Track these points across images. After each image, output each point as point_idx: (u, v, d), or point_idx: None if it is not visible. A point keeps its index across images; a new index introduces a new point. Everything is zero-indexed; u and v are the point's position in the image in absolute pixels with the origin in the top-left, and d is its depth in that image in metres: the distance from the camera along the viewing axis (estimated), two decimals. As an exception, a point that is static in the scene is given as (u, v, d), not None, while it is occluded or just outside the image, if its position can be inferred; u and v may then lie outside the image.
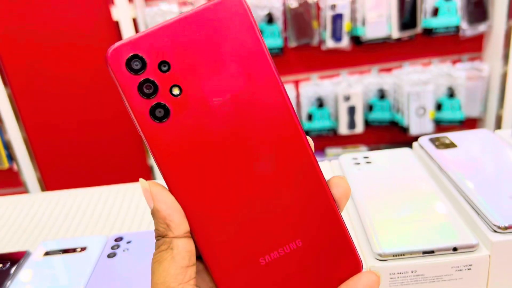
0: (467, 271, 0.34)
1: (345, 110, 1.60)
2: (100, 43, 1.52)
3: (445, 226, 0.35)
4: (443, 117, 1.59)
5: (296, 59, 1.60)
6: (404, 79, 1.55)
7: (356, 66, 1.63)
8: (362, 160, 0.47)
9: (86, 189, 0.63)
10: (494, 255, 0.33)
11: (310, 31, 1.54)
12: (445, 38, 1.58)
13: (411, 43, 1.59)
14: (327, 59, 1.60)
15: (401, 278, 0.34)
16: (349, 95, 1.58)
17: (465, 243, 0.34)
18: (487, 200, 0.36)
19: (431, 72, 1.57)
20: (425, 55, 1.62)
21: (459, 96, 1.57)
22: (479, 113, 1.63)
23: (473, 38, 1.59)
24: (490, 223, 0.34)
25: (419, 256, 0.34)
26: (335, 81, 1.62)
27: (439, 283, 0.34)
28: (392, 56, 1.62)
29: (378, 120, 1.63)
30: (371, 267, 0.34)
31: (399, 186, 0.42)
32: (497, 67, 1.56)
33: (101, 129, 1.65)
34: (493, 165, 0.42)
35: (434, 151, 0.45)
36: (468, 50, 1.62)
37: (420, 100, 1.55)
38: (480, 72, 1.59)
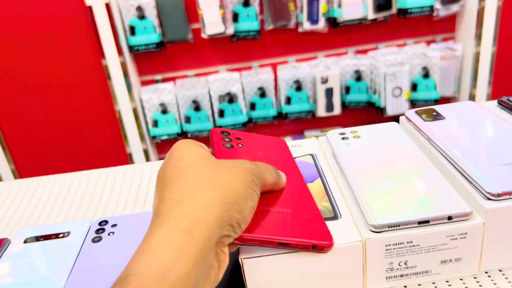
0: (462, 239, 0.34)
1: (323, 93, 1.60)
2: (72, 28, 1.47)
3: (438, 196, 0.35)
4: (418, 97, 1.61)
5: (273, 42, 1.59)
6: (380, 60, 1.55)
7: (333, 49, 1.63)
8: (350, 135, 0.46)
9: (65, 174, 0.61)
10: (488, 223, 0.33)
11: (287, 14, 1.53)
12: (420, 18, 1.59)
13: (387, 24, 1.60)
14: (304, 41, 1.60)
15: (396, 249, 0.34)
16: (326, 77, 1.58)
17: (459, 212, 0.34)
18: (479, 169, 0.36)
19: (406, 53, 1.59)
20: (400, 36, 1.63)
21: (434, 76, 1.59)
22: (453, 92, 1.66)
23: (447, 19, 1.61)
24: (483, 191, 0.34)
25: (414, 226, 0.34)
26: (312, 63, 1.61)
27: (434, 253, 0.34)
28: (368, 38, 1.62)
29: (355, 102, 1.64)
30: (367, 239, 0.33)
31: (389, 159, 0.41)
32: (470, 47, 1.58)
33: (77, 120, 1.61)
34: (482, 135, 0.42)
35: (422, 124, 0.45)
36: (441, 30, 1.64)
37: (396, 80, 1.56)
38: (454, 52, 1.61)
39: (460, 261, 0.35)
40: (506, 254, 0.35)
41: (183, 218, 0.27)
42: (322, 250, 0.33)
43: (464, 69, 1.63)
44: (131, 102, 1.50)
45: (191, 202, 0.28)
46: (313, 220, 0.34)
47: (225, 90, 1.53)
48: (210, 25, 1.46)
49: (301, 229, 0.33)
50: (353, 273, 0.35)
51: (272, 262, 0.33)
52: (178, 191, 0.29)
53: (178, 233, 0.26)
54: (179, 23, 1.48)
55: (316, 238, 0.33)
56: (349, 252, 0.34)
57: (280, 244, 0.32)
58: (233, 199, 0.29)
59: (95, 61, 1.50)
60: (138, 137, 1.55)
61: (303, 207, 0.36)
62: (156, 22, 1.45)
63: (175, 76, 1.58)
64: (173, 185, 0.30)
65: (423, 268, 0.35)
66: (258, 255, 0.33)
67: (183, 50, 1.55)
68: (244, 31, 1.50)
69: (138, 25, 1.45)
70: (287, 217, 0.34)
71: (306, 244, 0.32)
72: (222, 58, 1.58)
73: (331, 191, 0.39)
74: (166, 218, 0.27)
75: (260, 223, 0.33)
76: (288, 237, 0.32)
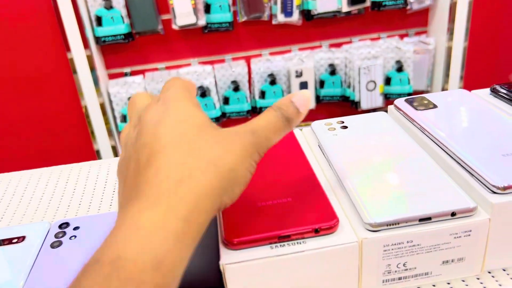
0: (466, 237, 0.31)
1: (297, 86, 1.57)
2: (35, 19, 1.38)
3: (439, 190, 0.32)
4: (392, 90, 1.60)
5: (247, 34, 1.55)
6: (354, 54, 1.54)
7: (307, 42, 1.60)
8: (337, 125, 0.43)
9: (22, 171, 0.55)
10: (494, 218, 0.30)
11: (261, 5, 1.48)
12: (393, 12, 1.58)
13: (361, 18, 1.58)
14: (278, 34, 1.56)
15: (395, 250, 0.30)
16: (301, 70, 1.55)
17: (463, 207, 0.30)
18: (481, 160, 0.33)
19: (380, 46, 1.57)
20: (374, 30, 1.62)
21: (407, 70, 1.58)
22: (426, 86, 1.66)
23: (420, 12, 1.60)
24: (488, 184, 0.31)
25: (415, 224, 0.30)
26: (286, 56, 1.58)
27: (436, 253, 0.31)
28: (342, 31, 1.60)
29: (329, 96, 1.62)
30: (363, 240, 0.30)
31: (382, 151, 0.38)
32: (443, 41, 1.58)
33: (41, 116, 1.52)
34: (478, 124, 0.39)
35: (413, 112, 0.42)
36: (415, 24, 1.63)
37: (370, 74, 1.54)
38: (427, 46, 1.61)
39: (462, 261, 0.32)
40: (510, 252, 0.33)
41: (182, 203, 0.24)
42: (327, 232, 0.30)
43: (437, 63, 1.63)
44: (98, 97, 1.43)
45: (190, 184, 0.25)
46: (315, 203, 0.32)
47: (197, 84, 1.48)
48: (181, 16, 1.40)
49: (301, 217, 0.31)
50: (347, 278, 0.31)
51: (258, 267, 0.29)
52: (178, 168, 0.25)
53: (176, 219, 0.23)
54: (148, 14, 1.42)
55: (317, 222, 0.30)
56: (344, 255, 0.30)
57: (280, 238, 0.30)
58: (230, 185, 0.26)
59: (60, 54, 1.42)
60: (106, 133, 1.48)
61: (305, 192, 0.34)
62: (124, 12, 1.38)
63: (144, 69, 1.51)
64: (170, 155, 0.26)
65: (423, 269, 0.32)
66: (242, 260, 0.29)
67: (152, 41, 1.49)
68: (216, 22, 1.45)
69: (105, 16, 1.38)
70: (287, 207, 0.32)
71: (308, 231, 0.30)
72: (194, 51, 1.52)
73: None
74: (162, 199, 0.24)
75: (256, 221, 0.30)
76: (287, 229, 0.30)
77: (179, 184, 0.24)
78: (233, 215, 0.32)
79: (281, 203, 0.32)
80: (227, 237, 0.30)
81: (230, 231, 0.30)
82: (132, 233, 0.23)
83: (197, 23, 1.42)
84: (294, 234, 0.30)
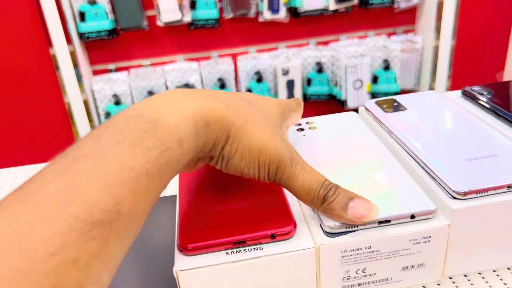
0: (425, 243, 0.30)
1: (284, 84, 1.56)
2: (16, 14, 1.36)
3: (400, 193, 0.32)
4: (379, 89, 1.60)
5: (233, 31, 1.53)
6: (341, 52, 1.53)
7: (294, 39, 1.59)
8: (306, 126, 0.42)
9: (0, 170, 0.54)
10: (454, 224, 0.30)
11: (247, 2, 1.47)
12: (381, 10, 1.58)
13: (348, 16, 1.58)
14: (264, 31, 1.55)
15: (354, 256, 0.30)
16: (287, 68, 1.54)
17: (423, 210, 0.30)
18: (443, 164, 0.33)
19: (367, 45, 1.57)
20: (361, 28, 1.61)
21: (394, 69, 1.58)
22: (413, 85, 1.66)
23: (407, 11, 1.60)
24: (448, 189, 0.31)
25: (374, 227, 0.30)
26: (273, 54, 1.57)
27: (395, 259, 0.31)
28: (329, 29, 1.60)
29: (316, 94, 1.61)
30: (321, 246, 0.29)
31: (347, 152, 0.37)
32: (430, 40, 1.58)
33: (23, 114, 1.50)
34: (445, 127, 0.39)
35: (382, 115, 0.41)
36: (402, 22, 1.63)
37: (357, 73, 1.54)
38: (414, 45, 1.61)
39: (423, 267, 0.31)
40: (471, 258, 0.32)
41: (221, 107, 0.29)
42: (284, 238, 0.30)
43: (424, 62, 1.63)
44: (82, 94, 1.41)
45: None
46: (274, 208, 0.32)
47: (183, 81, 1.47)
48: (165, 12, 1.39)
49: (258, 222, 0.30)
50: (305, 284, 0.30)
51: (213, 273, 0.29)
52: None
53: (202, 118, 0.27)
54: (133, 10, 1.40)
55: (274, 227, 0.30)
56: (301, 261, 0.29)
57: (235, 243, 0.29)
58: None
59: (42, 50, 1.40)
60: (90, 130, 1.46)
61: (266, 197, 0.33)
62: (108, 8, 1.37)
63: (129, 65, 1.50)
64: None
65: (383, 275, 0.31)
66: (196, 266, 0.28)
67: (137, 38, 1.47)
68: (202, 19, 1.44)
69: (88, 11, 1.36)
70: (245, 212, 0.31)
71: (264, 236, 0.29)
72: (180, 47, 1.51)
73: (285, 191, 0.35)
74: (210, 99, 0.29)
75: (212, 227, 0.30)
76: (242, 234, 0.29)
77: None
78: (190, 220, 0.31)
79: (239, 207, 0.32)
80: (181, 242, 0.29)
81: (184, 236, 0.30)
82: (173, 109, 0.26)
83: (183, 20, 1.41)
84: (249, 239, 0.29)
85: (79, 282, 0.19)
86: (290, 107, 0.36)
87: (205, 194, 0.34)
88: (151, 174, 0.23)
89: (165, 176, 0.24)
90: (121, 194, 0.21)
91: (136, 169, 0.22)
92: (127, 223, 0.22)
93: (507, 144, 0.35)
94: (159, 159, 0.24)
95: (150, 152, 0.23)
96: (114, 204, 0.21)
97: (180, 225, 0.31)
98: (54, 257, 0.19)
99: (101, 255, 0.20)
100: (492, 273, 0.33)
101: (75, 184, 0.21)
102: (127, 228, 0.22)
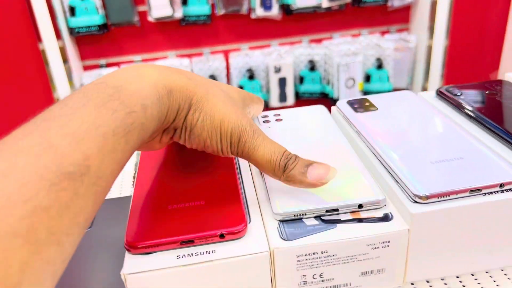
0: (384, 248, 0.29)
1: (276, 82, 1.55)
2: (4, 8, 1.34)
3: (350, 183, 0.32)
4: (371, 88, 1.59)
5: (225, 28, 1.52)
6: (333, 50, 1.52)
7: (287, 37, 1.58)
8: (272, 118, 0.42)
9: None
10: (414, 229, 0.29)
11: (239, -2, 1.46)
12: (374, 8, 1.57)
13: (341, 14, 1.57)
14: (257, 28, 1.54)
15: (310, 260, 0.29)
16: (279, 66, 1.53)
17: (371, 200, 0.30)
18: (407, 167, 0.32)
19: (361, 43, 1.56)
20: (354, 26, 1.60)
21: (387, 68, 1.57)
22: (406, 84, 1.65)
23: (401, 9, 1.59)
24: (410, 192, 0.30)
25: (322, 214, 0.30)
26: (265, 51, 1.56)
27: (353, 264, 0.30)
28: (322, 26, 1.58)
29: (309, 92, 1.60)
30: (275, 249, 0.28)
31: (307, 143, 0.37)
32: (424, 39, 1.57)
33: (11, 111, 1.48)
34: (414, 129, 0.38)
35: (352, 115, 0.40)
36: (396, 21, 1.62)
37: (349, 71, 1.53)
38: (408, 43, 1.59)
39: (383, 272, 0.31)
40: (433, 263, 0.31)
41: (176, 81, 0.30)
42: (233, 237, 0.29)
43: (418, 61, 1.62)
44: (72, 89, 1.40)
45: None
46: (227, 208, 0.31)
47: (173, 78, 1.46)
48: (156, 8, 1.38)
49: (208, 221, 0.30)
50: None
51: (163, 277, 0.28)
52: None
53: (164, 87, 0.29)
54: (123, 5, 1.39)
55: (223, 226, 0.29)
56: (255, 264, 0.28)
57: (183, 243, 0.28)
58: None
59: (31, 45, 1.39)
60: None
61: (221, 196, 0.32)
62: (98, 2, 1.35)
63: (120, 61, 1.49)
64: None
65: (342, 281, 0.30)
66: (145, 270, 0.28)
67: (128, 33, 1.46)
68: (194, 15, 1.43)
69: (78, 6, 1.35)
70: (197, 211, 0.31)
71: (212, 235, 0.29)
72: (171, 43, 1.50)
73: (244, 188, 0.34)
74: (173, 71, 0.30)
75: (160, 225, 0.29)
76: (191, 233, 0.29)
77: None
78: (140, 218, 0.30)
79: (192, 206, 0.31)
80: (127, 240, 0.28)
81: (132, 235, 0.29)
82: (135, 77, 0.27)
83: (174, 16, 1.40)
84: (197, 238, 0.28)
85: (50, 229, 0.20)
86: (251, 98, 0.37)
87: (159, 191, 0.33)
88: (117, 133, 0.24)
89: (131, 138, 0.25)
90: (89, 150, 0.22)
91: (102, 127, 0.24)
92: (96, 180, 0.23)
93: (475, 147, 0.34)
94: (124, 120, 0.25)
95: (115, 113, 0.24)
96: (83, 159, 0.22)
97: (129, 223, 0.30)
98: (28, 203, 0.19)
99: (72, 206, 0.21)
100: (455, 279, 0.32)
101: (45, 140, 0.22)
102: (96, 184, 0.23)
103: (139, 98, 0.26)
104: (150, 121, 0.27)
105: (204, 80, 0.32)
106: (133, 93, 0.26)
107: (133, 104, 0.25)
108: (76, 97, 0.25)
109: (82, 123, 0.23)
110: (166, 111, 0.28)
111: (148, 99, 0.26)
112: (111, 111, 0.24)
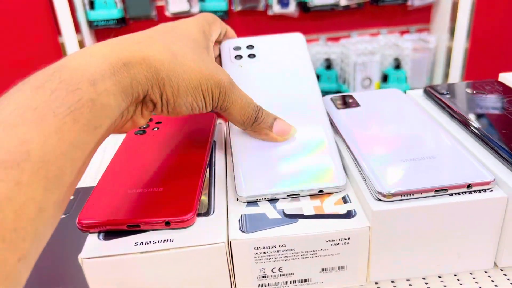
0: (344, 245, 0.29)
1: (291, 80, 1.54)
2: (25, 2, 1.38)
3: (313, 169, 0.32)
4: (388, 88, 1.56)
5: (241, 24, 1.52)
6: (350, 49, 1.50)
7: (304, 34, 1.56)
8: (245, 52, 0.41)
9: None
10: (376, 226, 0.29)
11: (256, -5, 1.46)
12: (394, 7, 1.54)
13: (360, 12, 1.54)
14: (273, 25, 1.53)
15: (268, 254, 0.29)
16: (295, 63, 1.52)
17: (332, 185, 0.31)
18: (375, 165, 0.31)
19: (379, 43, 1.53)
20: (373, 25, 1.58)
21: (405, 68, 1.54)
22: (424, 85, 1.62)
23: (422, 9, 1.55)
24: (374, 190, 0.29)
25: (284, 198, 0.31)
26: (281, 49, 1.55)
27: (313, 259, 0.29)
28: (340, 25, 1.56)
29: (324, 91, 1.59)
30: (232, 241, 0.28)
31: (278, 92, 0.38)
32: (444, 39, 1.53)
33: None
34: (392, 126, 0.37)
35: (333, 111, 0.40)
36: (416, 21, 1.59)
37: (366, 70, 1.51)
38: (427, 44, 1.56)
39: (344, 269, 0.30)
40: (397, 263, 0.31)
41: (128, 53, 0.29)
42: (179, 226, 0.29)
43: (437, 62, 1.59)
44: (88, 81, 1.42)
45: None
46: (182, 196, 0.31)
47: (188, 72, 1.47)
48: (174, 3, 1.39)
49: (158, 207, 0.30)
50: (218, 280, 0.30)
51: (120, 263, 0.28)
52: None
53: (118, 59, 0.28)
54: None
55: (170, 215, 0.29)
56: (212, 255, 0.29)
57: (129, 226, 0.29)
58: None
59: (51, 38, 1.42)
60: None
61: (181, 183, 0.32)
62: (117, -4, 1.37)
63: (137, 55, 1.50)
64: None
65: (302, 276, 0.30)
66: (102, 255, 0.28)
67: (145, 27, 1.44)
68: (211, 11, 1.43)
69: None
70: (152, 197, 0.31)
71: (157, 222, 0.29)
72: (187, 39, 1.51)
73: (214, 172, 0.35)
74: (122, 42, 0.29)
75: (113, 207, 0.30)
76: (138, 219, 0.29)
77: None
78: (97, 199, 0.32)
79: (150, 192, 0.32)
80: (79, 218, 0.30)
81: (84, 213, 0.30)
82: (80, 54, 0.27)
83: (191, 11, 1.41)
84: (143, 223, 0.29)
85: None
86: (207, 21, 0.36)
87: (125, 175, 0.34)
88: (59, 113, 0.23)
89: (82, 116, 0.24)
90: (27, 134, 0.21)
91: (40, 109, 0.22)
92: (42, 164, 0.21)
93: (449, 146, 0.33)
94: (66, 98, 0.23)
95: (54, 93, 0.23)
96: (19, 144, 0.21)
97: (86, 204, 0.31)
98: None
99: (15, 197, 0.20)
100: (421, 280, 0.31)
101: None
102: (43, 169, 0.21)
103: (84, 74, 0.25)
104: (104, 96, 0.25)
105: (163, 38, 0.30)
106: (75, 69, 0.25)
107: (76, 81, 0.24)
108: (17, 85, 0.24)
109: (16, 108, 0.22)
110: (129, 84, 0.27)
111: (97, 74, 0.25)
112: (49, 91, 0.23)
